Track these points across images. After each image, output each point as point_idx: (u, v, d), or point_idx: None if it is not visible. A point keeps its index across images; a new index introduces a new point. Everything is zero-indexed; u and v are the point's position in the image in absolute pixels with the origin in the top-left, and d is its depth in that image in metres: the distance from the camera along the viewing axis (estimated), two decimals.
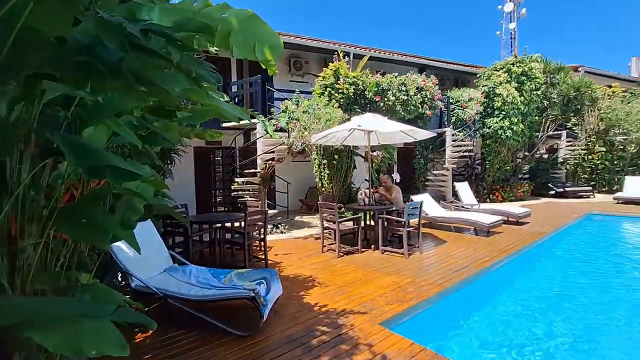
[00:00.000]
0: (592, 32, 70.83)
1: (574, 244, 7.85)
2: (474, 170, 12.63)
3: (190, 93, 1.92)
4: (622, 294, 4.93)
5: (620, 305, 4.56)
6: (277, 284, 3.76)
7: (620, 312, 4.36)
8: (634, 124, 14.29)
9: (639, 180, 12.81)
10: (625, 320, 4.14)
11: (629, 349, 3.51)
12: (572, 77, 14.79)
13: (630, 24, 67.87)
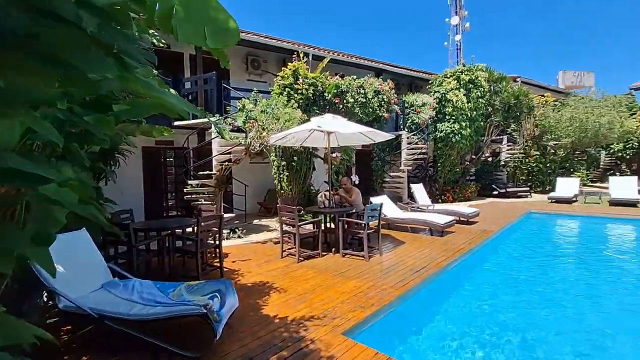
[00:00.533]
0: (526, 47, 77.33)
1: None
2: (427, 172, 12.98)
3: (123, 80, 1.56)
4: (566, 286, 5.18)
5: (568, 295, 4.77)
6: (232, 296, 3.40)
7: (568, 302, 4.56)
8: (563, 130, 15.54)
9: (568, 181, 13.95)
10: (573, 310, 4.32)
11: (577, 340, 3.60)
12: (512, 86, 15.77)
13: (558, 42, 75.08)
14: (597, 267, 6.35)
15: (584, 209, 11.43)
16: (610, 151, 20.96)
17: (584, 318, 4.22)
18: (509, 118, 15.55)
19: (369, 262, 5.55)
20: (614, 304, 4.65)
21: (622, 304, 4.65)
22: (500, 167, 16.11)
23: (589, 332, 3.83)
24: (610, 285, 5.35)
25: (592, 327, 3.98)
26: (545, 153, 16.62)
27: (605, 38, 70.05)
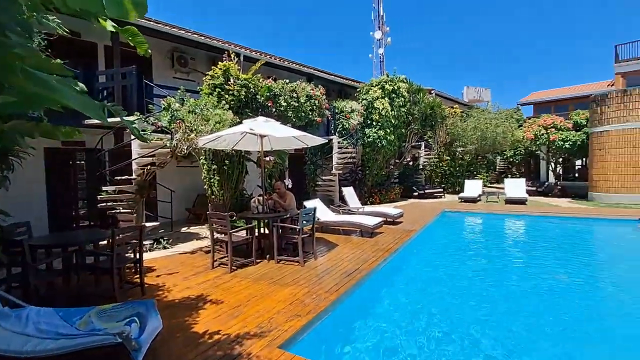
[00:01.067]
0: (438, 62, 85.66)
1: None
2: (357, 175, 13.36)
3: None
4: (480, 276, 5.68)
5: (484, 284, 5.22)
6: (155, 318, 2.97)
7: (488, 293, 4.97)
8: (469, 138, 17.31)
9: (473, 183, 15.59)
10: (490, 299, 4.71)
11: (498, 329, 3.91)
12: (428, 97, 17.13)
13: (464, 60, 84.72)
14: (501, 256, 7.26)
15: (486, 207, 12.84)
16: (504, 157, 24.02)
17: (497, 302, 4.64)
18: (426, 126, 16.86)
19: (304, 267, 5.42)
20: (515, 288, 5.35)
21: (522, 287, 5.33)
22: (419, 171, 17.38)
23: (501, 314, 4.22)
24: (511, 272, 6.14)
25: (502, 309, 4.46)
26: (455, 158, 18.37)
27: (500, 56, 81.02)
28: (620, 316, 4.40)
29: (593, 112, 14.32)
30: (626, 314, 4.45)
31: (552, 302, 4.76)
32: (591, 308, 4.62)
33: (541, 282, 5.47)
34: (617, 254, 7.57)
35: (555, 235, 9.42)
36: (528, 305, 4.62)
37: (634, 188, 12.90)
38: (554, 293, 5.07)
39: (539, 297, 4.91)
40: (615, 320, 4.29)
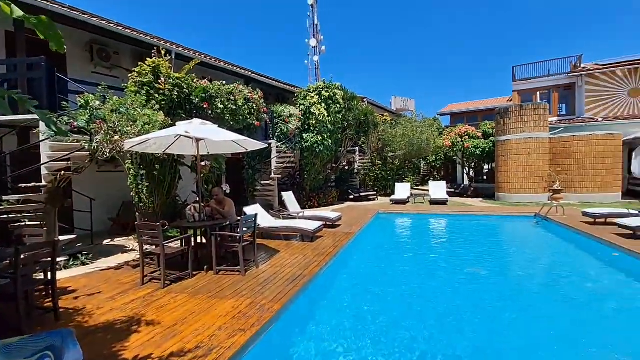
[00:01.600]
0: (369, 73, 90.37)
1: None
2: (295, 179, 13.31)
3: None
4: (417, 271, 6.02)
5: (423, 279, 5.52)
6: (73, 350, 2.53)
7: (428, 288, 5.26)
8: (398, 144, 18.44)
9: (403, 186, 16.62)
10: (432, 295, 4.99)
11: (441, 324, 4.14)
12: (361, 105, 17.85)
13: (393, 69, 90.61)
14: (432, 252, 7.87)
15: (414, 207, 13.75)
16: (427, 161, 26.08)
17: (434, 292, 4.95)
18: (360, 132, 17.53)
19: (245, 277, 5.17)
20: (444, 276, 5.93)
21: (449, 275, 5.92)
22: (354, 175, 17.98)
23: (437, 302, 4.50)
24: (440, 265, 6.69)
25: (437, 298, 4.81)
26: (386, 162, 19.40)
27: (422, 70, 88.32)
28: (524, 295, 5.00)
29: (497, 124, 16.23)
30: (527, 293, 5.08)
31: (474, 287, 5.30)
32: (502, 289, 5.19)
33: (464, 272, 6.15)
34: (520, 244, 8.90)
35: (472, 231, 10.43)
36: (457, 293, 5.06)
37: (529, 189, 14.92)
38: (475, 280, 5.65)
39: (466, 284, 5.39)
40: (522, 299, 4.87)
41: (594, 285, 5.69)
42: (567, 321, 4.24)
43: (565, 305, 4.77)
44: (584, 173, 14.81)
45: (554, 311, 4.54)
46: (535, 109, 15.00)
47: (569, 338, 3.80)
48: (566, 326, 4.10)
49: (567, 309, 4.65)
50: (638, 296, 5.13)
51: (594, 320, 4.28)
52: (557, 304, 4.81)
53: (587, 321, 4.25)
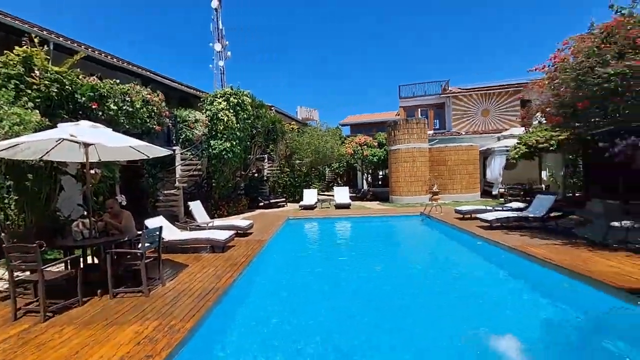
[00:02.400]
0: (277, 81, 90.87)
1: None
2: (203, 188, 12.50)
3: None
4: (330, 272, 6.26)
5: (334, 280, 5.75)
6: None
7: (341, 290, 5.48)
8: (305, 152, 19.03)
9: (310, 192, 17.18)
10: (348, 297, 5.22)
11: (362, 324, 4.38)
12: (270, 113, 17.87)
13: (299, 79, 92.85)
14: (339, 253, 8.26)
15: (322, 212, 14.33)
16: (332, 168, 27.51)
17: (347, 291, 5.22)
18: (269, 140, 17.50)
19: (150, 298, 4.64)
20: (356, 274, 6.27)
21: (360, 272, 6.29)
22: (263, 182, 17.81)
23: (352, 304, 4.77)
24: (347, 263, 7.03)
25: (347, 294, 5.03)
26: (294, 169, 19.77)
27: (324, 82, 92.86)
28: (415, 278, 5.73)
29: (389, 135, 18.13)
30: (411, 281, 5.83)
31: (376, 281, 5.79)
32: (398, 277, 5.85)
33: (367, 268, 6.70)
34: (410, 238, 10.14)
35: (372, 231, 11.40)
36: (364, 287, 5.44)
37: (414, 192, 17.05)
38: (377, 274, 6.18)
39: (371, 281, 5.85)
40: (413, 282, 5.57)
41: (465, 265, 6.97)
42: (450, 294, 5.12)
43: (446, 283, 5.77)
44: (454, 177, 17.60)
45: (441, 288, 5.52)
46: (417, 123, 17.26)
47: (449, 305, 4.60)
48: (448, 298, 4.98)
49: (447, 285, 5.64)
50: (493, 272, 6.44)
51: (465, 290, 5.24)
52: (442, 283, 5.81)
53: (460, 291, 5.21)
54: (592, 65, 6.00)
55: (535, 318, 4.30)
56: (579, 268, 4.96)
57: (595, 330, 3.29)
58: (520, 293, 5.38)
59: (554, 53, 7.10)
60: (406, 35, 75.05)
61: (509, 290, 5.51)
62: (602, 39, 6.07)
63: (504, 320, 4.32)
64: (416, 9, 70.15)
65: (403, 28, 74.85)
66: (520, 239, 7.31)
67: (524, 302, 4.98)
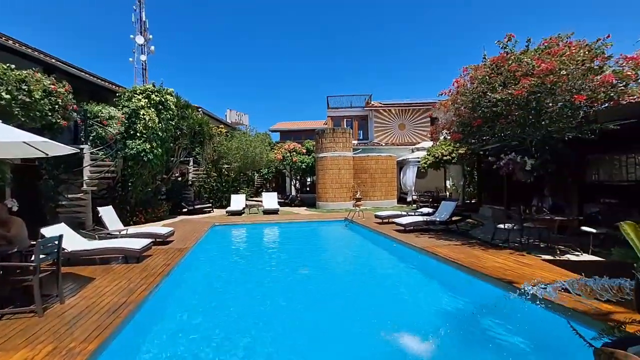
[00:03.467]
0: (206, 83, 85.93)
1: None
2: (117, 192, 11.16)
3: None
4: (251, 279, 6.09)
5: (260, 290, 5.59)
6: None
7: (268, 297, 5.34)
8: (233, 157, 18.40)
9: (238, 197, 16.64)
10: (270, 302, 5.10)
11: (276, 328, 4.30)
12: (196, 114, 16.89)
13: (228, 84, 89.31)
14: (266, 259, 8.15)
15: (250, 218, 13.99)
16: (260, 173, 27.09)
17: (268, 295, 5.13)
18: (195, 142, 16.49)
19: (44, 318, 3.95)
20: (282, 280, 6.25)
21: (287, 277, 6.26)
22: (188, 186, 16.67)
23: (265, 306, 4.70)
24: (276, 268, 6.97)
25: (272, 301, 4.95)
26: (221, 174, 18.95)
27: (254, 90, 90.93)
28: (340, 277, 5.96)
29: (317, 142, 18.60)
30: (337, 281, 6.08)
31: (304, 282, 5.86)
32: (325, 278, 6.01)
33: (292, 272, 6.80)
34: (335, 242, 10.58)
35: (300, 236, 11.50)
36: (290, 292, 5.44)
37: (339, 198, 17.75)
38: (304, 277, 6.25)
39: (299, 284, 5.89)
40: (338, 281, 5.79)
41: (382, 266, 7.50)
42: (367, 291, 5.53)
43: (364, 282, 6.18)
44: (375, 185, 18.79)
45: (360, 286, 6.02)
46: (343, 133, 18.06)
47: (366, 300, 4.90)
48: (365, 294, 5.40)
49: (365, 283, 6.04)
50: (406, 270, 7.04)
51: (380, 287, 5.69)
52: (361, 282, 6.28)
53: (376, 288, 5.63)
54: (484, 91, 7.03)
55: (439, 308, 4.82)
56: (473, 265, 5.70)
57: (485, 315, 3.82)
58: (428, 287, 5.97)
59: (457, 78, 8.12)
60: (335, 50, 78.41)
61: (418, 285, 6.08)
62: (492, 70, 7.15)
63: (413, 312, 4.76)
64: (342, 26, 73.89)
65: (331, 43, 77.98)
66: (428, 240, 8.11)
67: (430, 294, 5.54)
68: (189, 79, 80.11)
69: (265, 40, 78.56)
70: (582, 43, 6.42)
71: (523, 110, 6.48)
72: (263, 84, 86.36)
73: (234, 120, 31.68)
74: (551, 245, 6.70)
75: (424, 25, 67.52)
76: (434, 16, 65.05)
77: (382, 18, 67.30)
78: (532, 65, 6.33)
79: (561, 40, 6.65)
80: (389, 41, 72.16)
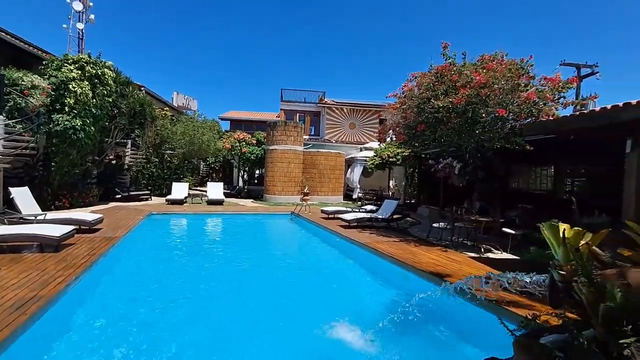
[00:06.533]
0: (151, 62, 78.58)
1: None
2: (37, 172, 9.71)
3: None
4: (187, 273, 5.69)
5: (190, 284, 5.23)
6: None
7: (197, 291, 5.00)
8: (178, 142, 17.22)
9: (180, 185, 15.63)
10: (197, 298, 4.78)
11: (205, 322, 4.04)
12: (138, 93, 15.45)
13: (177, 65, 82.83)
14: (205, 250, 7.72)
15: (191, 207, 13.21)
16: (207, 162, 25.80)
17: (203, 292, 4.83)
18: (134, 123, 15.09)
19: None
20: (220, 272, 5.90)
21: (225, 269, 5.94)
22: (124, 171, 15.21)
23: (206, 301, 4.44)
24: (213, 260, 6.62)
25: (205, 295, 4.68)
26: (163, 160, 17.62)
27: (207, 70, 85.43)
28: (281, 270, 5.86)
29: (268, 134, 18.15)
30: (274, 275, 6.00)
31: (240, 277, 5.64)
32: (266, 271, 5.87)
33: (232, 264, 6.55)
34: (280, 236, 10.44)
35: (243, 228, 11.14)
36: (228, 285, 5.19)
37: (287, 192, 17.60)
38: (245, 270, 6.05)
39: (235, 278, 5.64)
40: (279, 273, 5.69)
41: (325, 260, 7.57)
42: (308, 282, 5.53)
43: (306, 274, 6.18)
44: (323, 181, 18.97)
45: (302, 279, 6.02)
46: (295, 127, 17.89)
47: (309, 292, 4.92)
48: (306, 285, 5.38)
49: (307, 275, 6.07)
50: (348, 265, 7.17)
51: (323, 281, 5.69)
52: (302, 274, 6.22)
53: (319, 281, 5.68)
54: (429, 97, 7.38)
55: (377, 301, 5.00)
56: (410, 260, 5.97)
57: (418, 308, 4.03)
58: (367, 281, 6.15)
59: (405, 83, 8.44)
60: (291, 42, 77.06)
61: (358, 279, 6.24)
62: (436, 78, 7.54)
63: (352, 304, 4.85)
64: (302, 20, 73.04)
65: (287, 34, 76.40)
66: (370, 236, 8.36)
67: (369, 288, 5.72)
68: (134, 55, 72.53)
69: (220, 24, 74.36)
70: (513, 62, 7.04)
71: (460, 119, 6.93)
72: (216, 69, 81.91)
73: (181, 104, 29.63)
74: (477, 244, 7.31)
75: (383, 28, 69.26)
76: (393, 20, 67.01)
77: (343, 14, 67.53)
78: (470, 78, 6.79)
79: (496, 58, 7.22)
80: (347, 39, 72.82)
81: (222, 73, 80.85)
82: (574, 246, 1.69)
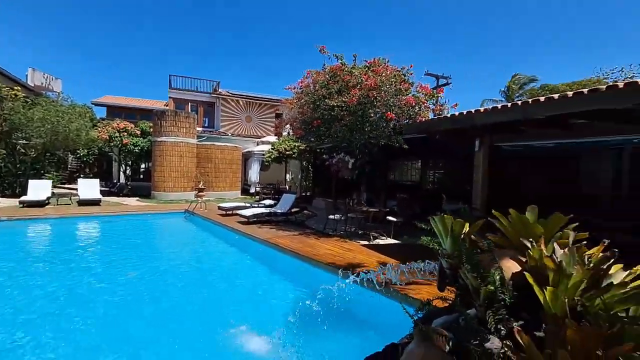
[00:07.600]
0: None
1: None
2: None
3: None
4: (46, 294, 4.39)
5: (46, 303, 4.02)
6: None
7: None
8: (35, 130, 13.50)
9: (40, 183, 12.35)
10: None
11: None
12: None
13: (33, 37, 63.41)
14: (75, 263, 6.14)
15: (57, 210, 10.55)
16: (77, 155, 21.08)
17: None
18: None
19: None
20: (98, 286, 4.87)
21: (104, 282, 4.83)
22: None
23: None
24: (89, 277, 5.32)
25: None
26: (15, 152, 13.55)
27: (74, 40, 68.62)
28: (176, 275, 5.15)
29: (155, 124, 15.79)
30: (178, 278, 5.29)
31: (123, 288, 4.70)
32: (158, 279, 5.05)
33: (117, 278, 5.40)
34: (172, 237, 9.42)
35: (127, 233, 9.46)
36: (111, 301, 4.21)
37: (180, 187, 15.82)
38: (132, 283, 5.06)
39: (117, 291, 4.64)
40: (174, 278, 4.98)
41: (224, 259, 7.12)
42: (207, 284, 5.06)
43: (206, 276, 5.66)
44: (219, 175, 17.76)
45: (203, 281, 5.58)
46: (187, 117, 16.14)
47: (208, 293, 4.41)
48: (205, 287, 4.98)
49: (206, 277, 5.58)
50: (247, 262, 6.87)
51: (222, 280, 5.32)
52: (201, 277, 5.86)
53: (219, 282, 5.26)
54: (324, 95, 7.54)
55: (280, 296, 4.87)
56: (309, 253, 6.00)
57: (319, 300, 4.02)
58: (270, 277, 5.93)
59: (301, 79, 8.44)
60: (183, 26, 68.54)
61: (260, 276, 5.97)
62: (330, 77, 7.76)
63: (254, 302, 4.61)
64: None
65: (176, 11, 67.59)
66: (270, 231, 8.13)
67: (272, 284, 5.52)
68: None
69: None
70: (395, 68, 7.79)
71: (352, 117, 7.31)
72: (88, 45, 67.34)
73: (39, 84, 23.29)
74: (367, 232, 7.90)
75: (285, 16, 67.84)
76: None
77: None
78: (360, 80, 7.21)
79: (382, 63, 7.86)
80: (244, 25, 68.67)
81: (96, 49, 67.17)
82: (459, 236, 1.83)
